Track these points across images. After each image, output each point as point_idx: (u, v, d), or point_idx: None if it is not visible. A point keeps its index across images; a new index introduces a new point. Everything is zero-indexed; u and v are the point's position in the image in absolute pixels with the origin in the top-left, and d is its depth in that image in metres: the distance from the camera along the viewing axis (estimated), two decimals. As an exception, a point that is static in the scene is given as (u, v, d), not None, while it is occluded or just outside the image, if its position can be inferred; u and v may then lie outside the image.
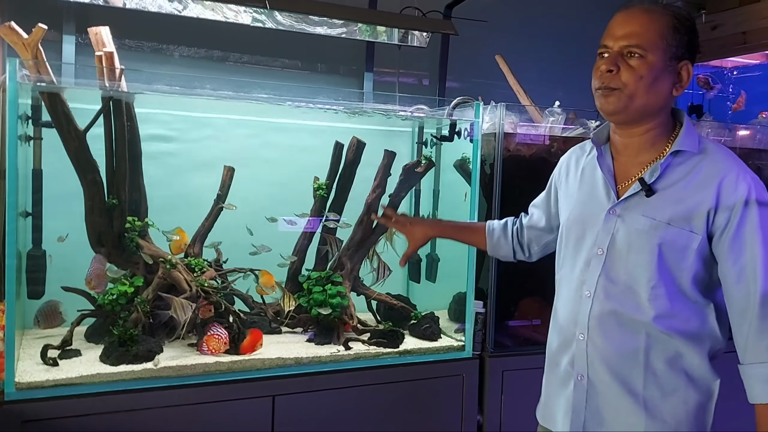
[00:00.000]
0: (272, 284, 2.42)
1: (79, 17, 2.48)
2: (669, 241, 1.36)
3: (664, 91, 1.39)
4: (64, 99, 2.06)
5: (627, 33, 1.37)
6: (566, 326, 1.51)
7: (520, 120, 2.68)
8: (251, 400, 2.11)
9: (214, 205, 2.46)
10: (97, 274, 2.19)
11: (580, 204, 1.54)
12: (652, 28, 1.36)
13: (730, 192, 1.33)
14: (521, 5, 3.49)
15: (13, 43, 1.95)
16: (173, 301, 2.15)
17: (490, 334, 2.53)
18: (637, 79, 1.36)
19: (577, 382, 1.48)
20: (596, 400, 1.46)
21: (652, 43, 1.35)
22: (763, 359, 1.32)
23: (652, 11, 1.38)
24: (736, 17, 3.78)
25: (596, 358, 1.44)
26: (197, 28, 2.71)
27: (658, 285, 1.37)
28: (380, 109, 2.50)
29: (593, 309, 1.44)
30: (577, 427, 1.48)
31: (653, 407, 1.40)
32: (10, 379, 1.84)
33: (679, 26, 1.37)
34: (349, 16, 2.74)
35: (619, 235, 1.42)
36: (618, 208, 1.44)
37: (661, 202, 1.38)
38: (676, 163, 1.40)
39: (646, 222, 1.38)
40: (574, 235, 1.52)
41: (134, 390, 1.97)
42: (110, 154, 2.20)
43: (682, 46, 1.37)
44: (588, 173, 1.55)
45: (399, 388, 2.35)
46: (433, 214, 3.01)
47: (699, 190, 1.36)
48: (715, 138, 3.13)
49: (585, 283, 1.46)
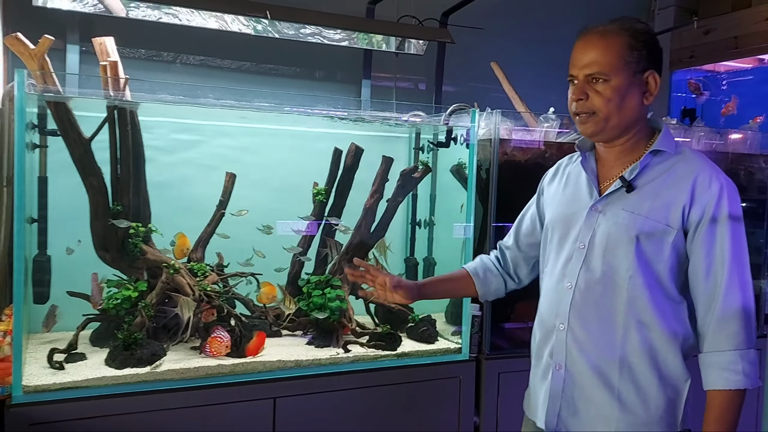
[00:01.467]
0: (273, 295, 2.48)
1: (83, 27, 2.53)
2: (646, 233, 1.43)
3: (635, 105, 1.46)
4: (70, 108, 2.10)
5: (588, 62, 1.44)
6: (547, 318, 1.57)
7: (515, 125, 2.73)
8: (253, 402, 2.16)
9: (216, 211, 2.50)
10: (98, 292, 2.24)
11: (563, 204, 1.61)
12: (610, 52, 1.42)
13: (704, 189, 1.41)
14: (516, 12, 3.54)
15: (20, 53, 2.00)
16: (180, 299, 2.20)
17: (487, 337, 2.58)
18: (605, 102, 1.43)
19: (555, 372, 1.54)
20: (572, 390, 1.51)
21: (612, 67, 1.42)
22: (721, 348, 1.38)
23: (607, 34, 1.44)
24: (729, 22, 3.84)
25: (574, 348, 1.50)
26: (198, 37, 2.76)
27: (636, 275, 1.43)
28: (379, 117, 2.55)
29: (574, 300, 1.50)
30: (552, 416, 1.54)
31: (626, 400, 1.46)
32: (17, 382, 1.88)
33: (634, 43, 1.43)
34: (347, 26, 2.79)
35: (599, 230, 1.49)
36: (600, 204, 1.51)
37: (639, 197, 1.46)
38: (654, 163, 1.48)
39: (625, 215, 1.46)
40: (558, 233, 1.59)
41: (139, 393, 2.02)
42: (114, 161, 2.25)
43: (642, 60, 1.44)
44: (573, 177, 1.63)
45: (397, 390, 2.40)
46: (429, 219, 3.05)
47: (675, 186, 1.44)
48: (707, 142, 3.19)
49: (566, 276, 1.53)
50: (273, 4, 2.55)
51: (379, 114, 2.58)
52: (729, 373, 1.37)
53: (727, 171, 1.46)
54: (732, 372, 1.37)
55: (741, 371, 1.36)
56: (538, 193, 1.77)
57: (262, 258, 2.52)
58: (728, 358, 1.37)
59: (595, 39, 1.45)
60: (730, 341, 1.38)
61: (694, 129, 3.21)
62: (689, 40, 4.05)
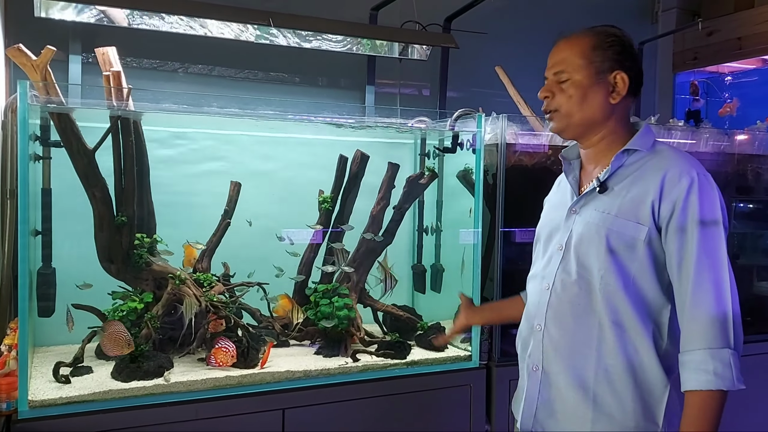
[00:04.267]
0: (290, 308, 2.45)
1: (85, 37, 2.51)
2: (616, 232, 1.42)
3: (599, 103, 1.48)
4: (73, 119, 2.09)
5: (554, 62, 1.52)
6: (529, 320, 1.57)
7: (521, 130, 2.71)
8: (262, 414, 2.13)
9: (221, 221, 2.48)
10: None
11: (550, 210, 1.65)
12: (573, 51, 1.49)
13: (674, 184, 1.38)
14: (520, 16, 3.53)
15: (22, 64, 1.99)
16: (185, 298, 2.19)
17: (497, 344, 2.55)
18: (567, 99, 1.49)
19: (532, 373, 1.53)
20: (549, 391, 1.50)
21: (574, 65, 1.48)
22: (692, 347, 1.34)
23: (573, 37, 1.51)
24: (732, 23, 3.83)
25: (551, 349, 1.50)
26: (200, 46, 2.75)
27: (608, 274, 1.41)
28: (384, 123, 2.53)
29: (551, 301, 1.50)
30: (528, 417, 1.54)
31: (602, 402, 1.43)
32: (23, 397, 1.86)
33: (600, 43, 1.47)
34: (351, 32, 2.78)
35: (574, 231, 1.50)
36: (576, 206, 1.52)
37: (611, 197, 1.46)
38: (628, 163, 1.48)
39: (596, 215, 1.46)
40: (543, 238, 1.62)
41: (146, 406, 1.99)
42: (119, 172, 2.23)
43: (607, 60, 1.47)
44: (562, 186, 1.66)
45: (407, 399, 2.37)
46: (436, 225, 3.03)
47: (644, 182, 1.43)
48: (713, 144, 3.16)
49: (545, 277, 1.54)
50: (276, 12, 2.54)
51: (385, 120, 2.57)
52: (699, 373, 1.32)
53: (734, 172, 1.45)
54: (702, 372, 1.31)
55: (712, 371, 1.30)
56: None
57: (281, 273, 2.52)
58: (698, 357, 1.32)
59: (562, 42, 1.52)
60: (700, 340, 1.33)
61: (701, 130, 3.19)
62: (692, 42, 4.04)
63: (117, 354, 2.08)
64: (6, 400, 1.84)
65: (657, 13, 4.10)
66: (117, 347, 2.08)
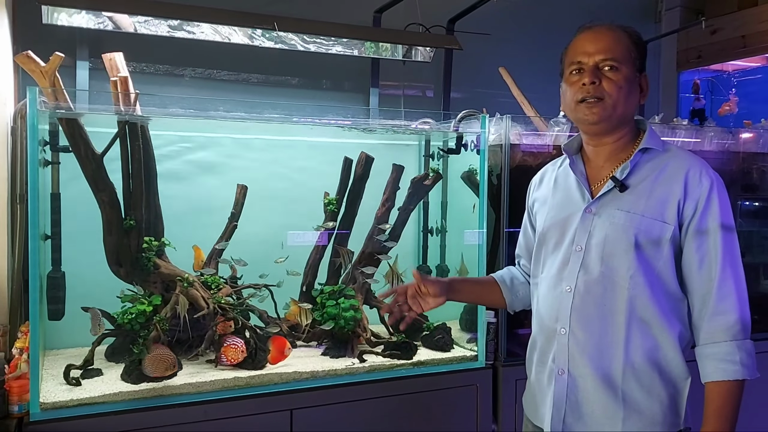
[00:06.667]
0: (299, 311, 2.47)
1: (92, 43, 2.54)
2: (644, 231, 1.43)
3: (636, 101, 1.50)
4: (82, 124, 2.11)
5: (600, 48, 1.46)
6: (548, 323, 1.55)
7: (525, 130, 2.72)
8: (270, 415, 2.14)
9: (228, 224, 2.50)
10: None
11: (555, 208, 1.60)
12: (621, 42, 1.47)
13: (696, 184, 1.42)
14: (523, 17, 3.54)
15: (31, 71, 2.01)
16: (179, 297, 2.23)
17: (503, 344, 2.56)
18: (617, 89, 1.45)
19: (558, 377, 1.52)
20: (576, 394, 1.50)
21: (623, 56, 1.46)
22: (716, 339, 1.39)
23: (615, 29, 1.49)
24: (735, 21, 3.82)
25: (577, 351, 1.49)
26: (206, 51, 2.77)
27: (637, 274, 1.43)
28: (388, 125, 2.55)
29: (574, 303, 1.49)
30: (557, 422, 1.53)
31: (631, 400, 1.45)
32: (35, 399, 1.88)
33: (638, 42, 1.49)
34: (355, 36, 2.79)
35: (596, 231, 1.49)
36: (593, 206, 1.51)
37: (634, 196, 1.46)
38: (644, 161, 1.49)
39: (621, 215, 1.46)
40: (553, 238, 1.58)
41: (155, 407, 2.01)
42: (127, 176, 2.25)
43: (640, 60, 1.49)
44: (561, 181, 1.63)
45: (414, 399, 2.38)
46: (441, 225, 3.04)
47: (668, 182, 1.45)
48: (718, 142, 3.17)
49: (564, 279, 1.52)
50: (280, 16, 2.55)
51: (390, 122, 2.58)
52: (726, 363, 1.37)
53: (739, 170, 1.47)
54: (729, 363, 1.37)
55: (738, 361, 1.37)
56: (527, 203, 1.76)
57: (296, 276, 2.54)
58: (725, 348, 1.38)
59: (606, 30, 1.48)
60: (726, 332, 1.38)
61: (705, 129, 3.19)
62: (696, 41, 4.04)
63: (158, 376, 2.09)
64: (18, 402, 1.87)
65: (660, 11, 4.10)
66: (159, 369, 2.10)
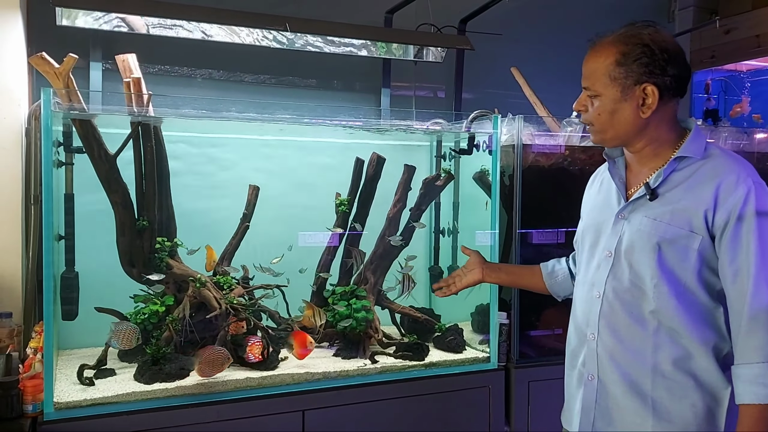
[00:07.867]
0: (312, 313, 2.47)
1: (105, 45, 2.55)
2: (668, 239, 1.40)
3: (628, 119, 1.44)
4: (95, 125, 2.12)
5: (584, 75, 1.49)
6: (581, 327, 1.56)
7: (537, 131, 2.71)
8: (282, 415, 2.14)
9: (240, 224, 2.50)
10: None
11: (594, 211, 1.61)
12: (598, 69, 1.44)
13: (729, 193, 1.36)
14: (535, 17, 3.52)
15: (45, 72, 2.02)
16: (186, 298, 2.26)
17: (515, 345, 2.55)
18: (596, 116, 1.47)
19: (588, 382, 1.52)
20: (606, 400, 1.49)
21: (600, 84, 1.44)
22: (749, 360, 1.33)
23: (599, 51, 1.45)
24: (749, 21, 3.79)
25: (605, 357, 1.48)
26: (218, 52, 2.77)
27: (661, 283, 1.40)
28: (400, 126, 2.54)
29: (603, 309, 1.49)
30: (586, 426, 1.52)
31: (661, 409, 1.42)
32: (49, 399, 1.89)
33: (622, 59, 1.41)
34: (366, 36, 2.79)
35: (624, 237, 1.47)
36: (625, 211, 1.50)
37: (662, 204, 1.44)
38: (679, 168, 1.45)
39: (647, 222, 1.44)
40: (588, 241, 1.58)
41: (168, 407, 2.02)
42: (140, 177, 2.26)
43: (632, 74, 1.41)
44: (605, 184, 1.62)
45: (426, 400, 2.37)
46: (453, 226, 3.03)
47: (698, 191, 1.40)
48: (732, 142, 3.13)
49: (595, 285, 1.52)
50: (292, 17, 2.56)
51: (401, 123, 2.57)
52: (756, 386, 1.30)
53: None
54: (760, 386, 1.30)
55: None
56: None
57: (302, 274, 2.54)
58: (756, 371, 1.31)
59: (590, 54, 1.48)
60: (758, 352, 1.31)
61: (719, 129, 3.16)
62: (710, 40, 4.01)
63: (214, 374, 2.15)
64: (32, 402, 1.87)
65: (674, 11, 4.06)
66: (215, 369, 2.14)
